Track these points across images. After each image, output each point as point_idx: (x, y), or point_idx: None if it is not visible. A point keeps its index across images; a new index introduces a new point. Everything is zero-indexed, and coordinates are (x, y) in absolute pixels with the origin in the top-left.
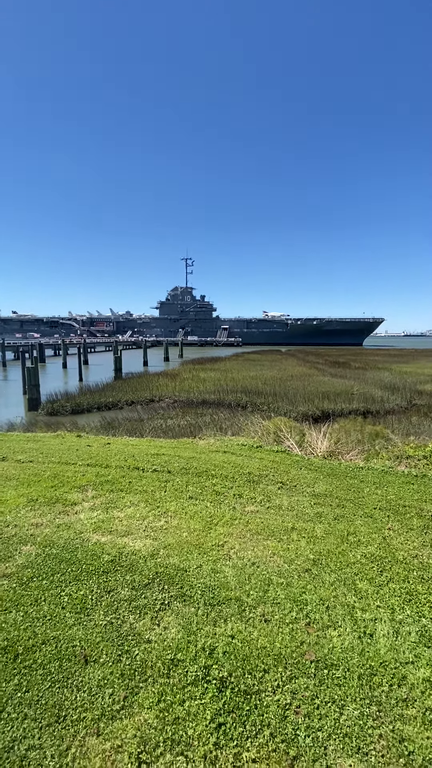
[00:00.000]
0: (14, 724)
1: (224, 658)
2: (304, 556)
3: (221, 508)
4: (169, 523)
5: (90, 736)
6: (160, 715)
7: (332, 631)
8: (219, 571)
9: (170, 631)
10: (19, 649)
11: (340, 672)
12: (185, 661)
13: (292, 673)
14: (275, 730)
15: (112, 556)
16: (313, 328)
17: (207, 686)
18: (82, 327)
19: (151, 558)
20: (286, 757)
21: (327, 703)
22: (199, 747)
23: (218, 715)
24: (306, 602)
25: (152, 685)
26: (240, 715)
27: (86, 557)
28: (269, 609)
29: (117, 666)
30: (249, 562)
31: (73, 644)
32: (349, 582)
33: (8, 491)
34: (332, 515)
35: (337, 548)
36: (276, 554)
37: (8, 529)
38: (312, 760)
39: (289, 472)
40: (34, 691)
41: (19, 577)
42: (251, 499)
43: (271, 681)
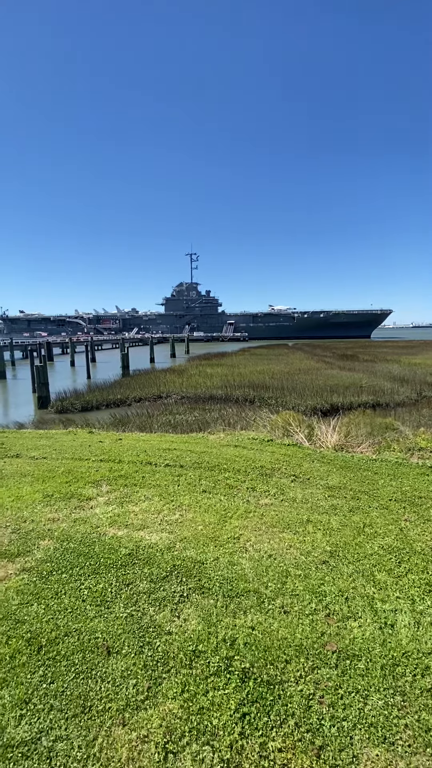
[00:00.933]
0: (41, 715)
1: (245, 649)
2: (320, 548)
3: (235, 502)
4: (184, 517)
5: (116, 726)
6: (184, 705)
7: (352, 622)
8: (236, 563)
9: (190, 622)
10: (42, 641)
11: (363, 663)
12: (207, 653)
13: (314, 664)
14: (300, 719)
15: (129, 550)
16: (320, 321)
17: (230, 677)
18: (88, 325)
19: (168, 551)
20: (312, 746)
21: (351, 694)
22: (225, 736)
23: (242, 705)
24: (325, 594)
25: (175, 676)
26: (264, 705)
27: (104, 551)
28: (288, 600)
29: (139, 657)
30: (266, 554)
31: (95, 636)
32: (367, 573)
33: (24, 487)
34: (347, 507)
35: (353, 540)
36: (292, 546)
37: (26, 524)
38: (338, 750)
39: (302, 465)
40: (59, 682)
41: (38, 571)
42: (265, 492)
43: (293, 671)
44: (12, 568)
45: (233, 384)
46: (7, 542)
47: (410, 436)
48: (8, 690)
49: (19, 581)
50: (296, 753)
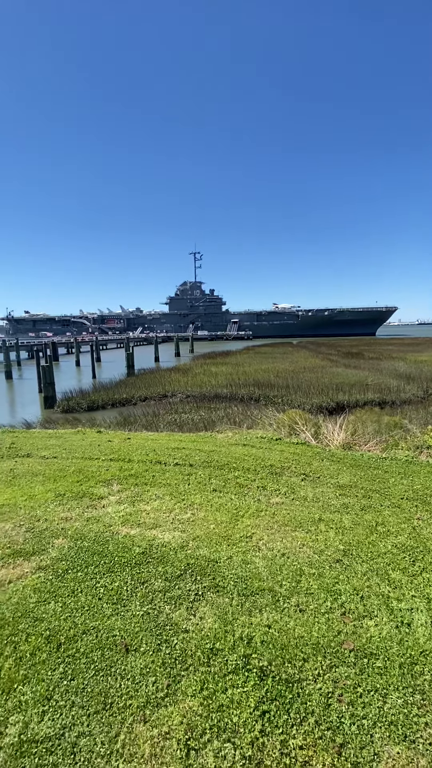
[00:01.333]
0: (63, 711)
1: (263, 647)
2: (333, 546)
3: (246, 500)
4: (196, 516)
5: (137, 723)
6: (204, 703)
7: (369, 621)
8: (249, 562)
9: (206, 620)
10: (61, 638)
11: (380, 661)
12: (224, 650)
13: (332, 662)
14: (320, 717)
15: (143, 549)
16: (324, 319)
17: (248, 675)
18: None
19: (181, 550)
20: (332, 744)
21: (369, 692)
22: (246, 734)
23: (261, 702)
24: (340, 592)
25: (194, 674)
26: (283, 703)
27: (117, 549)
28: (303, 599)
29: (157, 655)
30: (279, 553)
31: (113, 634)
32: (381, 572)
33: (36, 486)
34: (359, 506)
35: (366, 539)
36: (305, 545)
37: (39, 523)
38: (359, 747)
39: (311, 464)
40: (79, 679)
41: (54, 570)
42: (275, 491)
43: (311, 670)
44: (28, 567)
45: (238, 383)
46: (22, 541)
47: (418, 434)
48: (30, 686)
49: (36, 579)
50: (317, 750)
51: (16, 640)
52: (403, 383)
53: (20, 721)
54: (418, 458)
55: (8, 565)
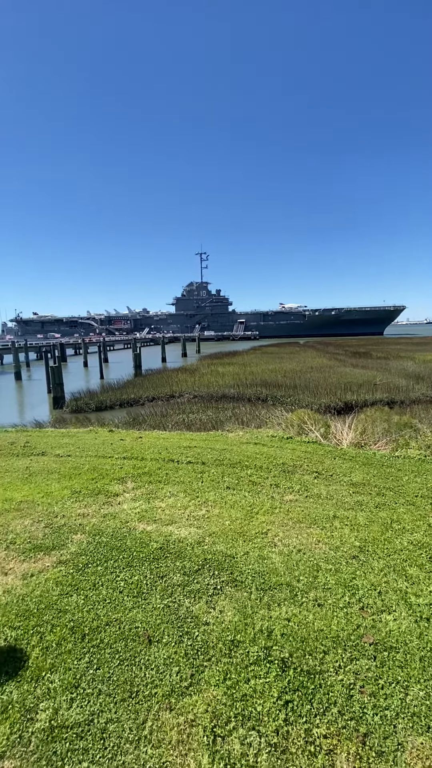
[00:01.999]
0: (90, 698)
1: (283, 639)
2: (349, 543)
3: (260, 498)
4: (211, 512)
5: (163, 710)
6: (227, 692)
7: (387, 615)
8: (266, 557)
9: (226, 614)
10: (85, 629)
11: (401, 655)
12: (245, 642)
13: (352, 655)
14: (342, 708)
15: (160, 544)
16: (331, 319)
17: (270, 666)
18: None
19: (198, 545)
20: (356, 733)
21: (391, 684)
22: (270, 722)
23: (284, 693)
24: (357, 587)
25: (216, 665)
26: (306, 693)
27: (135, 545)
28: (321, 594)
29: (180, 646)
30: (294, 549)
31: (135, 626)
32: (398, 568)
33: (52, 484)
34: (373, 503)
35: (382, 535)
36: (321, 541)
37: (57, 519)
38: (383, 737)
39: (323, 462)
40: (105, 668)
41: (75, 564)
42: (289, 489)
43: (332, 662)
44: (49, 561)
45: (245, 383)
46: (41, 536)
47: (428, 433)
48: (58, 675)
49: (58, 573)
50: (341, 740)
51: (42, 631)
52: (412, 383)
53: (50, 707)
54: (431, 456)
55: (29, 559)
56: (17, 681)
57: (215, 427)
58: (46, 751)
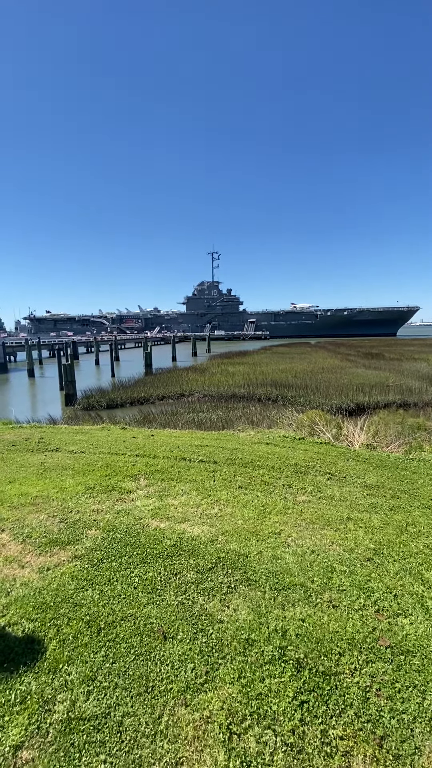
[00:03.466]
0: (107, 692)
1: (297, 639)
2: (363, 545)
3: (272, 498)
4: (223, 511)
5: (179, 706)
6: (243, 691)
7: (403, 618)
8: (280, 557)
9: (240, 612)
10: (101, 623)
11: (417, 659)
12: (260, 641)
13: (368, 658)
14: (359, 710)
15: (174, 541)
16: (343, 319)
17: (285, 666)
18: (112, 324)
19: (211, 543)
20: (373, 736)
21: (408, 688)
22: (286, 722)
23: (300, 693)
24: (372, 590)
25: (231, 663)
26: (321, 694)
27: (149, 542)
28: (336, 595)
29: (194, 643)
30: (308, 549)
31: (150, 621)
32: (414, 572)
33: (67, 479)
34: (387, 506)
35: (397, 538)
36: (335, 543)
37: (72, 514)
38: (400, 741)
39: (336, 464)
40: (120, 662)
41: (89, 559)
42: (301, 490)
43: (347, 664)
44: (64, 556)
45: (255, 382)
46: (56, 531)
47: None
48: (75, 667)
49: (73, 567)
50: (358, 741)
51: (59, 624)
52: (425, 385)
53: (67, 699)
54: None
55: (45, 553)
56: (35, 672)
57: (225, 426)
58: (63, 743)
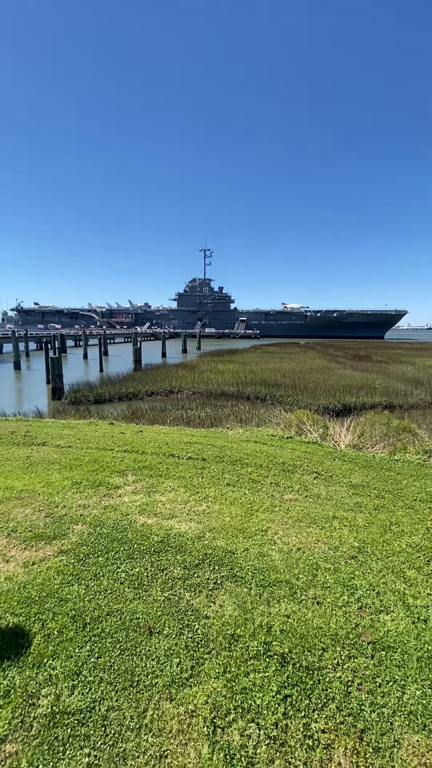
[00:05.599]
0: (92, 686)
1: (282, 635)
2: (348, 543)
3: (260, 496)
4: (211, 508)
5: (163, 700)
6: (227, 685)
7: (385, 615)
8: (266, 554)
9: (226, 608)
10: (86, 618)
11: (398, 654)
12: (245, 637)
13: (350, 653)
14: (340, 704)
15: (161, 537)
16: (332, 321)
17: (269, 661)
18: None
19: (198, 540)
20: (354, 729)
21: (388, 683)
22: (269, 716)
23: (283, 687)
24: (356, 587)
25: (216, 657)
26: (304, 688)
27: (136, 537)
28: (320, 592)
29: (180, 638)
30: (294, 547)
31: (136, 617)
32: (397, 570)
33: (53, 474)
34: (372, 505)
35: (380, 537)
36: (320, 541)
37: (58, 509)
38: (380, 734)
39: (323, 463)
40: (106, 657)
41: (76, 554)
42: (288, 488)
43: (330, 659)
44: (50, 550)
45: (245, 381)
46: (42, 525)
47: (426, 438)
48: (59, 662)
49: (59, 562)
50: (339, 735)
51: (44, 618)
52: (410, 387)
53: (52, 693)
54: (430, 461)
55: (31, 547)
56: (19, 666)
57: (214, 424)
58: (47, 736)
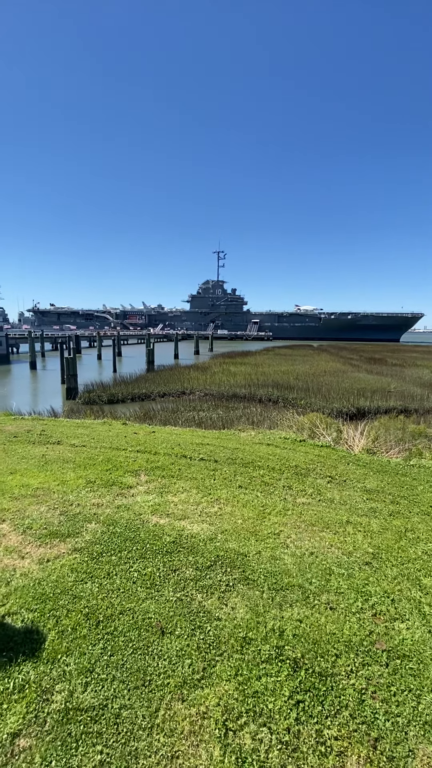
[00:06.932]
0: (105, 684)
1: (294, 640)
2: (362, 549)
3: (272, 499)
4: (223, 510)
5: (175, 701)
6: (239, 688)
7: (400, 623)
8: (278, 558)
9: (238, 611)
10: (99, 616)
11: (414, 663)
12: (257, 640)
13: (364, 660)
14: (354, 711)
15: (173, 538)
16: (347, 323)
17: (281, 665)
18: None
19: (210, 541)
20: (368, 738)
21: (403, 692)
22: (281, 720)
23: (296, 692)
24: (370, 594)
25: (228, 660)
26: (317, 694)
27: (149, 537)
28: (333, 597)
29: (192, 639)
30: (307, 551)
31: (148, 616)
32: (412, 577)
33: (67, 473)
34: (387, 511)
35: (395, 543)
36: (333, 546)
37: (72, 507)
38: (394, 743)
39: (337, 467)
40: (118, 655)
41: (89, 552)
42: (301, 492)
43: (344, 666)
44: (64, 548)
45: (257, 383)
46: (57, 523)
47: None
48: (73, 658)
49: (73, 560)
50: (352, 742)
51: (58, 615)
52: (427, 392)
53: (65, 689)
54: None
55: (45, 544)
56: (34, 662)
57: (226, 425)
58: (61, 732)
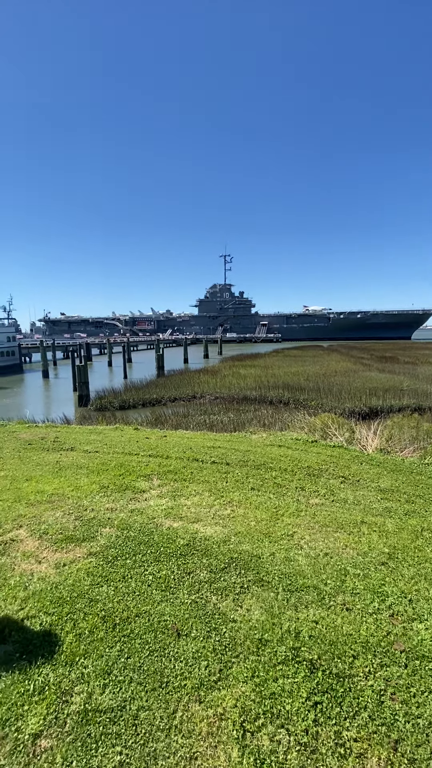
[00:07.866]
0: (122, 686)
1: (311, 641)
2: (377, 549)
3: (285, 500)
4: (236, 512)
5: (192, 702)
6: (256, 689)
7: (419, 624)
8: (292, 559)
9: (253, 612)
10: (116, 619)
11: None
12: (273, 642)
13: (383, 661)
14: (373, 713)
15: (186, 541)
16: (356, 322)
17: (298, 666)
18: (124, 326)
19: (224, 544)
20: (388, 739)
21: (423, 693)
22: (299, 722)
23: (313, 694)
24: (387, 594)
25: (244, 662)
26: (335, 696)
27: (162, 540)
28: (349, 598)
29: (208, 641)
30: (321, 552)
31: (164, 619)
32: (430, 577)
33: (81, 478)
34: (402, 510)
35: (412, 543)
36: (348, 546)
37: (87, 512)
38: (415, 746)
39: (350, 467)
40: (135, 657)
41: (104, 556)
42: (314, 492)
43: (361, 667)
44: (80, 552)
45: (267, 385)
46: (72, 528)
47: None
48: (91, 661)
49: (89, 564)
50: (372, 744)
51: (75, 618)
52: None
53: (84, 691)
54: None
55: (61, 549)
56: (53, 664)
57: (237, 428)
58: (80, 733)
